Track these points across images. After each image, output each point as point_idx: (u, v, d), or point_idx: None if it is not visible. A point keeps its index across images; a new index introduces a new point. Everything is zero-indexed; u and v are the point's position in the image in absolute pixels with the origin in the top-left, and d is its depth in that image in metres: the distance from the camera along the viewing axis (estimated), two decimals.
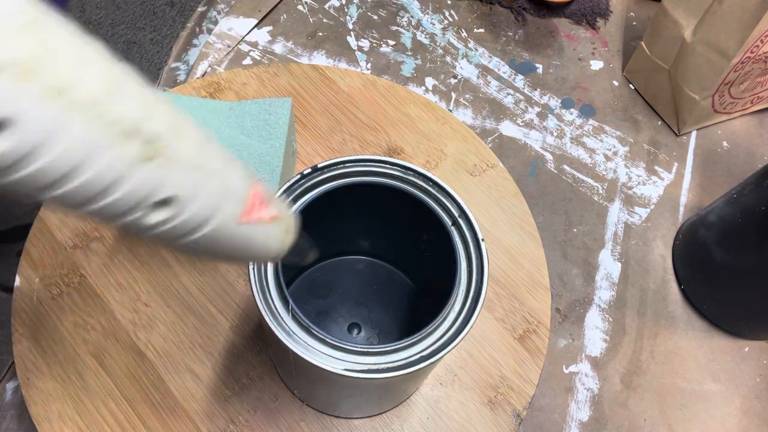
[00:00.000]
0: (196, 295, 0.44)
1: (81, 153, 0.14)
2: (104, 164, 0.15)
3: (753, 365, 0.48)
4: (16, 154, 0.13)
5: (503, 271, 0.47)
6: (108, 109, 0.15)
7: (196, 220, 0.18)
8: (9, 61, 0.13)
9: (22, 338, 0.41)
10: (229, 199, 0.19)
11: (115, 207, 0.16)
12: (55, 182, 0.14)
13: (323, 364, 0.28)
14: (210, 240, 0.19)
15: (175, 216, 0.17)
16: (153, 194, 0.16)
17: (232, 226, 0.19)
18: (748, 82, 0.55)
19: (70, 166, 0.14)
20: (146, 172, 0.16)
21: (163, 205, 0.17)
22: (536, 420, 0.44)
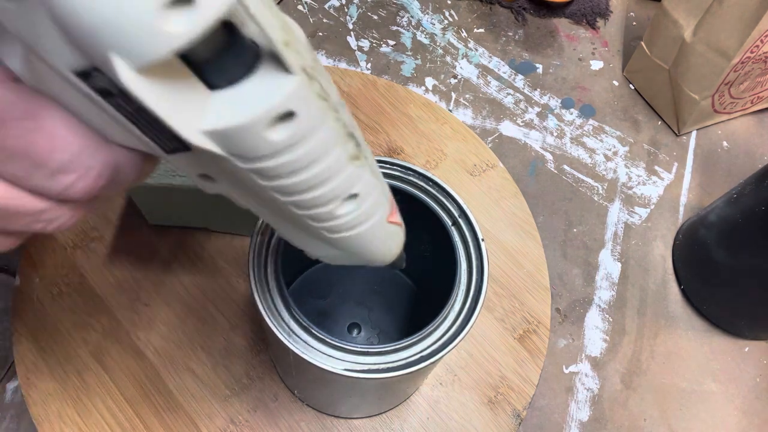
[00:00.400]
0: (196, 295, 0.44)
1: (325, 146, 0.17)
2: (333, 158, 0.17)
3: (753, 365, 0.48)
4: (289, 141, 0.16)
5: (503, 271, 0.47)
6: (341, 114, 0.18)
7: (365, 215, 0.20)
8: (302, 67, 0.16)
9: (22, 338, 0.41)
10: (385, 200, 0.22)
11: (322, 197, 0.18)
12: (295, 171, 0.17)
13: (323, 364, 0.28)
14: (365, 235, 0.21)
15: (355, 209, 0.20)
16: (349, 189, 0.19)
17: (383, 224, 0.22)
18: (748, 82, 0.55)
19: (315, 156, 0.17)
20: (352, 169, 0.19)
21: (351, 199, 0.19)
22: (536, 420, 0.44)
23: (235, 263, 0.45)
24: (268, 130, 0.16)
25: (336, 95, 0.18)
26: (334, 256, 0.22)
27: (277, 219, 0.21)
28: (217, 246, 0.46)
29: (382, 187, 0.21)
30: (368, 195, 0.20)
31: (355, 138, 0.19)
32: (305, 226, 0.20)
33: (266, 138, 0.16)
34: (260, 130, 0.15)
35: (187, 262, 0.45)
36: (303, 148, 0.16)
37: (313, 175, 0.17)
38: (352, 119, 0.19)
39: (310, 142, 0.17)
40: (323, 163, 0.17)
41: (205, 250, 0.45)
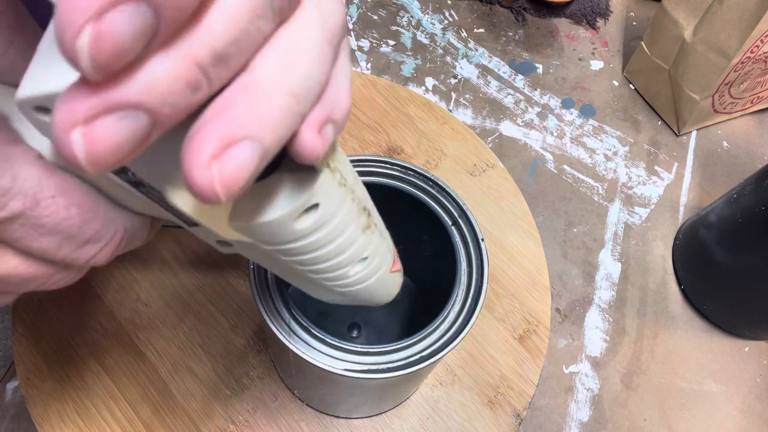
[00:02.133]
0: (196, 295, 0.44)
1: (343, 226, 0.18)
2: (349, 233, 0.19)
3: (753, 365, 0.48)
4: (312, 227, 0.17)
5: (503, 271, 0.47)
6: (357, 192, 0.19)
7: (373, 272, 0.22)
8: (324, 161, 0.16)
9: (22, 338, 0.41)
10: (389, 254, 0.23)
11: (336, 265, 0.19)
12: (315, 249, 0.18)
13: (323, 364, 0.28)
14: (371, 286, 0.22)
15: (364, 269, 0.21)
16: (361, 254, 0.20)
17: (387, 275, 0.23)
18: (748, 82, 0.55)
19: (334, 235, 0.18)
20: (364, 237, 0.20)
21: (362, 261, 0.21)
22: (536, 420, 0.44)
23: (235, 263, 0.45)
24: (294, 222, 0.16)
25: (352, 175, 0.19)
26: (339, 300, 0.24)
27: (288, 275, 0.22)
28: None
29: (387, 244, 0.23)
30: (376, 255, 0.21)
31: (367, 210, 0.20)
32: (316, 283, 0.21)
33: (292, 228, 0.17)
34: (288, 223, 0.16)
35: (187, 262, 0.45)
36: (324, 231, 0.18)
37: (330, 250, 0.19)
38: (365, 191, 0.20)
39: (330, 225, 0.18)
40: (340, 239, 0.19)
41: (205, 250, 0.45)
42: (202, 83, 0.12)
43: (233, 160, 0.12)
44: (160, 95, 0.12)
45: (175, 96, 0.12)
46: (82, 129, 0.11)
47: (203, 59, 0.12)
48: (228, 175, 0.12)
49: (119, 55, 0.11)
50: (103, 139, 0.11)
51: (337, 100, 0.15)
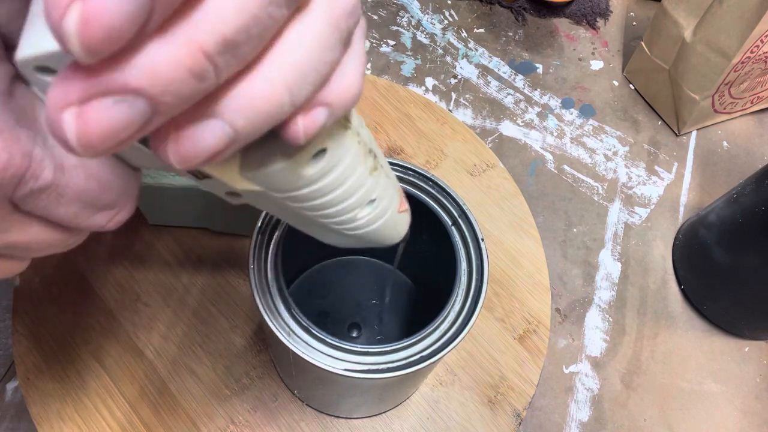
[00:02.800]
0: (196, 295, 0.44)
1: (351, 169, 0.18)
2: (357, 176, 0.19)
3: (753, 365, 0.48)
4: (321, 172, 0.17)
5: (503, 271, 0.47)
6: (361, 135, 0.19)
7: (382, 213, 0.22)
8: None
9: (22, 338, 0.41)
10: (396, 194, 0.23)
11: (346, 208, 0.20)
12: (325, 194, 0.18)
13: (323, 364, 0.28)
14: (381, 227, 0.23)
15: (373, 211, 0.21)
16: (369, 196, 0.20)
17: (396, 216, 0.23)
18: (748, 82, 0.55)
19: (343, 179, 0.18)
20: (372, 179, 0.20)
21: (370, 204, 0.21)
22: (536, 420, 0.44)
23: (235, 263, 0.45)
24: (303, 168, 0.17)
25: (356, 117, 0.19)
26: (348, 243, 0.24)
27: (298, 222, 0.22)
28: (217, 246, 0.46)
29: (394, 184, 0.23)
30: (383, 197, 0.21)
31: (373, 152, 0.20)
32: (325, 226, 0.21)
33: (301, 174, 0.17)
34: (296, 170, 0.17)
35: (187, 262, 0.45)
36: (332, 176, 0.18)
37: (339, 194, 0.19)
38: (369, 134, 0.20)
39: (338, 169, 0.18)
40: (348, 183, 0.19)
41: (205, 250, 0.45)
42: (208, 72, 0.11)
43: (200, 138, 0.12)
44: (162, 83, 0.11)
45: (177, 84, 0.11)
46: (76, 110, 0.11)
47: (210, 46, 0.11)
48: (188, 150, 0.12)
49: (111, 37, 0.10)
50: (96, 123, 0.11)
51: (340, 87, 0.15)
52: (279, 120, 0.13)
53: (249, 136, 0.13)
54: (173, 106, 0.12)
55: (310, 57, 0.13)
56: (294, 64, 0.13)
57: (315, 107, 0.14)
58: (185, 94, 0.11)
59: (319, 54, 0.13)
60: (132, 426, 0.39)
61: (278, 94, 0.13)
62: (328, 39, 0.14)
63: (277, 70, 0.13)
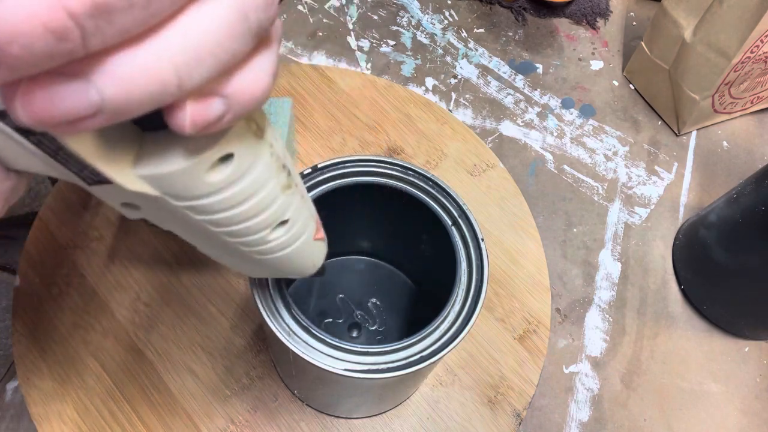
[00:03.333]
0: (196, 295, 0.44)
1: (260, 182, 0.17)
2: (267, 191, 0.17)
3: (753, 365, 0.48)
4: (226, 180, 0.16)
5: (503, 271, 0.47)
6: (276, 147, 0.18)
7: (294, 237, 0.21)
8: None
9: (22, 338, 0.41)
10: (312, 220, 0.22)
11: (255, 227, 0.18)
12: (231, 206, 0.17)
13: (323, 364, 0.28)
14: (292, 254, 0.21)
15: (285, 233, 0.20)
16: (281, 216, 0.19)
17: (310, 243, 0.22)
18: (748, 82, 0.55)
19: (251, 191, 0.17)
20: (284, 197, 0.19)
21: (282, 225, 0.19)
22: (536, 420, 0.44)
23: None
24: (206, 173, 0.15)
25: (270, 129, 0.18)
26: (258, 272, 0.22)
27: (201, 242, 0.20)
28: None
29: (310, 208, 0.21)
30: (297, 219, 0.20)
31: (287, 168, 0.19)
32: (233, 250, 0.20)
33: (204, 180, 0.15)
34: (199, 174, 0.15)
35: (187, 262, 0.45)
36: (239, 186, 0.16)
37: (247, 209, 0.17)
38: (284, 148, 0.19)
39: (246, 180, 0.16)
40: (257, 197, 0.17)
41: None
42: (72, 34, 0.10)
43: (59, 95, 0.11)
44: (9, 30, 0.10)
45: (29, 38, 0.10)
46: None
47: (76, 6, 0.10)
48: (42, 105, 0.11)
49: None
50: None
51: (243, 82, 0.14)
52: (162, 101, 0.12)
53: (122, 111, 0.12)
54: (24, 61, 0.10)
55: (208, 40, 0.12)
56: (187, 44, 0.12)
57: (210, 97, 0.13)
58: (40, 50, 0.10)
59: (220, 39, 0.13)
60: (132, 426, 0.39)
61: (162, 70, 0.12)
62: (233, 26, 0.13)
63: (166, 46, 0.12)
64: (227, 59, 0.13)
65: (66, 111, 0.11)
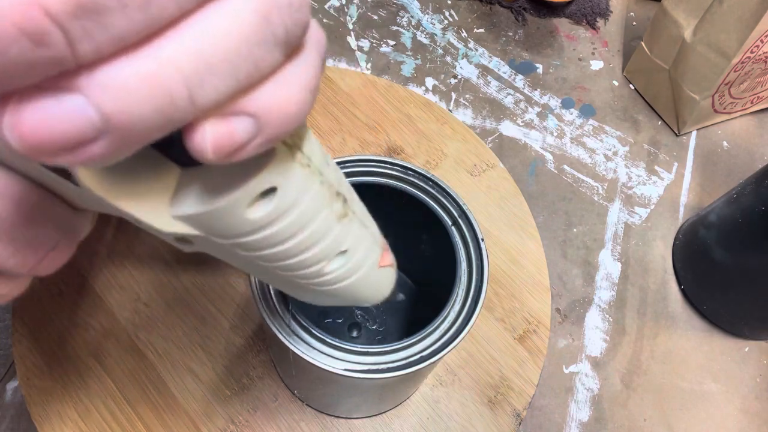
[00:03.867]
0: (196, 295, 0.44)
1: (310, 214, 0.16)
2: (319, 222, 0.16)
3: (753, 365, 0.48)
4: (271, 216, 0.15)
5: (503, 271, 0.47)
6: (326, 175, 0.16)
7: (355, 268, 0.19)
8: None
9: (22, 338, 0.41)
10: (377, 246, 0.20)
11: (308, 260, 0.17)
12: (279, 242, 0.16)
13: (323, 364, 0.28)
14: (356, 284, 0.20)
15: (344, 264, 0.19)
16: (338, 247, 0.18)
17: (375, 271, 0.21)
18: (748, 82, 0.55)
19: (300, 225, 0.16)
20: (340, 227, 0.17)
21: (340, 255, 0.18)
22: (536, 420, 0.44)
23: None
24: (247, 210, 0.14)
25: (319, 154, 0.16)
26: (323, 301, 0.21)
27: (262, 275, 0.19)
28: None
29: (372, 235, 0.20)
30: (357, 248, 0.19)
31: (341, 195, 0.17)
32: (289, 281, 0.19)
33: (246, 217, 0.14)
34: (239, 211, 0.14)
35: (187, 262, 0.45)
36: (286, 221, 0.15)
37: (298, 243, 0.16)
38: (339, 173, 0.18)
39: (293, 214, 0.15)
40: (309, 230, 0.16)
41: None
42: (51, 36, 0.09)
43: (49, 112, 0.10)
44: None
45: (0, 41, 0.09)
46: None
47: (54, 5, 0.09)
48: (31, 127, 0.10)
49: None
50: None
51: (273, 98, 0.12)
52: (174, 119, 0.11)
53: (129, 133, 0.10)
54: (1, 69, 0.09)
55: (221, 46, 0.11)
56: (196, 50, 0.10)
57: (234, 115, 0.12)
58: (15, 56, 0.09)
59: (236, 46, 0.11)
60: (132, 426, 0.39)
61: (167, 79, 0.10)
62: (253, 30, 0.11)
63: (170, 51, 0.10)
64: (248, 69, 0.11)
65: (61, 132, 0.10)
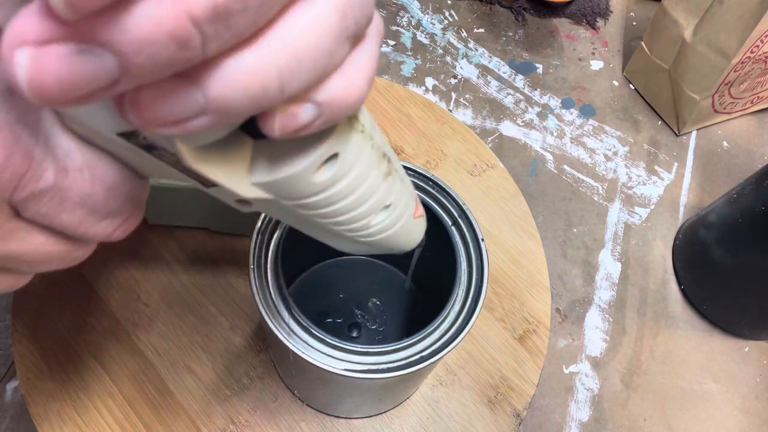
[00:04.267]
0: (196, 295, 0.44)
1: (364, 175, 0.18)
2: (370, 182, 0.18)
3: (753, 365, 0.48)
4: (333, 179, 0.17)
5: (503, 271, 0.47)
6: (375, 138, 0.18)
7: (397, 219, 0.21)
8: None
9: (22, 338, 0.41)
10: (412, 200, 0.22)
11: (359, 215, 0.19)
12: (337, 201, 0.18)
13: (323, 364, 0.28)
14: (395, 234, 0.22)
15: (387, 217, 0.21)
16: (384, 202, 0.20)
17: (411, 221, 0.23)
18: (748, 82, 0.55)
19: (356, 185, 0.18)
20: (386, 185, 0.19)
21: (384, 210, 0.20)
22: (536, 420, 0.44)
23: (235, 263, 0.45)
24: (314, 175, 0.16)
25: (369, 120, 0.18)
26: (362, 250, 0.23)
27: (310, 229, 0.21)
28: (217, 246, 0.46)
29: (409, 189, 0.22)
30: (399, 202, 0.21)
31: (387, 156, 0.19)
32: (338, 234, 0.20)
33: (312, 181, 0.16)
34: (307, 176, 0.16)
35: (187, 262, 0.45)
36: (345, 182, 0.17)
37: (352, 201, 0.18)
38: (382, 136, 0.19)
39: (351, 175, 0.17)
40: (362, 189, 0.18)
41: (205, 250, 0.45)
42: (193, 40, 0.10)
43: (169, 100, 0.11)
44: (136, 41, 0.10)
45: (154, 47, 0.10)
46: (32, 51, 0.10)
47: (198, 12, 0.10)
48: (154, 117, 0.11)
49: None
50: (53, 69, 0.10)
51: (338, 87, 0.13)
52: (263, 105, 0.12)
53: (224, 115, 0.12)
54: (147, 70, 0.10)
55: (309, 42, 0.12)
56: (290, 46, 0.12)
57: (302, 103, 0.13)
58: (163, 59, 0.10)
59: (319, 41, 0.12)
60: (132, 426, 0.39)
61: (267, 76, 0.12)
62: (331, 26, 0.12)
63: (271, 49, 0.12)
64: (326, 62, 0.13)
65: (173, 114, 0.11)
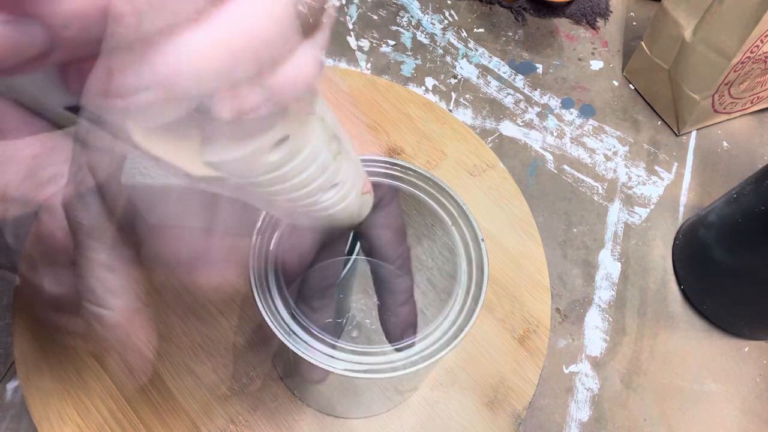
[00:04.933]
0: (196, 295, 0.44)
1: (314, 154, 0.18)
2: (321, 160, 0.19)
3: (753, 365, 0.48)
4: (284, 159, 0.17)
5: (503, 271, 0.47)
6: (325, 120, 0.19)
7: (345, 196, 0.22)
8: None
9: (22, 338, 0.41)
10: (360, 177, 0.23)
11: (308, 193, 0.20)
12: (290, 177, 0.18)
13: (323, 364, 0.28)
14: (344, 209, 0.23)
15: (336, 194, 0.21)
16: (332, 180, 0.20)
17: (359, 197, 0.24)
18: (748, 82, 0.55)
19: (306, 164, 0.18)
20: (335, 164, 0.20)
21: (334, 187, 0.21)
22: (536, 420, 0.44)
23: (235, 263, 0.45)
24: (265, 155, 0.16)
25: (320, 102, 0.18)
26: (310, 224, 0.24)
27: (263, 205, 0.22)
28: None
29: (357, 167, 0.23)
30: (347, 180, 0.22)
31: (337, 136, 0.20)
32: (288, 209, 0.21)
33: (263, 161, 0.17)
34: (258, 157, 0.16)
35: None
36: (295, 162, 0.18)
37: (302, 179, 0.19)
38: (333, 116, 0.20)
39: (301, 155, 0.18)
40: (312, 168, 0.19)
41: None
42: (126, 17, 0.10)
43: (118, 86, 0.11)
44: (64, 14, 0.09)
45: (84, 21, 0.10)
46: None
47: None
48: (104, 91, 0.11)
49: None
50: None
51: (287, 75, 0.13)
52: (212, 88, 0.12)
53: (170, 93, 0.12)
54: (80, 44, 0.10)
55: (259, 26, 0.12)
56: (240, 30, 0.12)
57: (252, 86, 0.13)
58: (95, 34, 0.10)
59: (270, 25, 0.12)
60: (132, 426, 0.39)
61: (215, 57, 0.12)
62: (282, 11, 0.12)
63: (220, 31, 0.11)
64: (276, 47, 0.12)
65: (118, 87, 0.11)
